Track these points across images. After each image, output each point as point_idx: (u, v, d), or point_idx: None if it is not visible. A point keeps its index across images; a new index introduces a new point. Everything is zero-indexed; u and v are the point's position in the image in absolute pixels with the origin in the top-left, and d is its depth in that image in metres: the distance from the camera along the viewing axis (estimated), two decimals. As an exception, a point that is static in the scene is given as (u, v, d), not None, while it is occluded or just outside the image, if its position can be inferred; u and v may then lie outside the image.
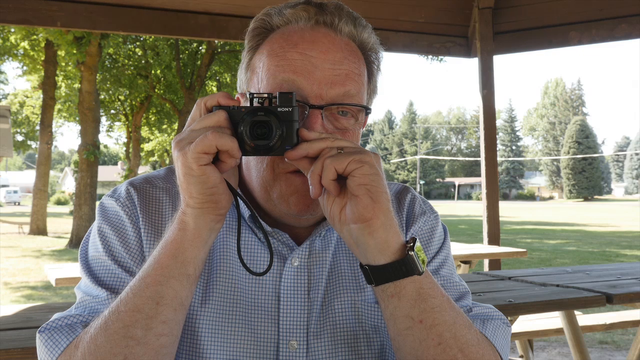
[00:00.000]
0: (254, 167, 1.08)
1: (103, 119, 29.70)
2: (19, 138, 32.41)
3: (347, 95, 1.04)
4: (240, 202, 1.08)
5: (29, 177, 76.26)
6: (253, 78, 1.09)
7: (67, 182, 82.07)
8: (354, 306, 1.10)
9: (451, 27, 5.63)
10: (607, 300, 2.68)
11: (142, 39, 22.58)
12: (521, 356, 4.06)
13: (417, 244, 0.97)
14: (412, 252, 0.94)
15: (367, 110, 1.09)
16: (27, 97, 33.42)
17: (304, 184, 1.01)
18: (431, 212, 1.24)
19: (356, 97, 1.06)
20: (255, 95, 0.94)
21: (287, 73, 1.02)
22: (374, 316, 1.11)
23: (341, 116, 1.05)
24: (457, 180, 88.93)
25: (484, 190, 5.47)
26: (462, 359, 0.96)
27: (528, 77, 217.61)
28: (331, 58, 1.03)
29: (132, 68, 25.07)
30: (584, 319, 3.94)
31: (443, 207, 47.46)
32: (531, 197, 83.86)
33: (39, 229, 20.71)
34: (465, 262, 5.06)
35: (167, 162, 34.84)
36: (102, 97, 25.91)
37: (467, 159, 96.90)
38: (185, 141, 0.88)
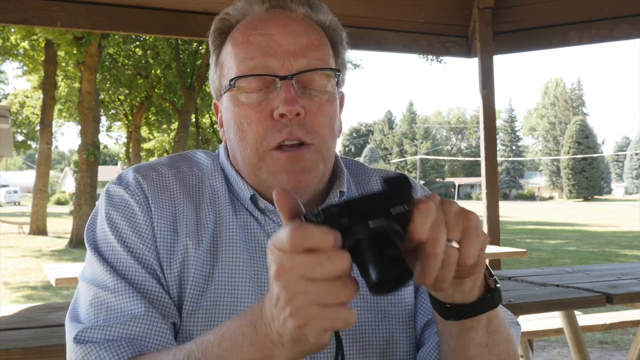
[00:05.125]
0: (238, 152, 1.08)
1: (103, 119, 29.72)
2: (19, 138, 32.45)
3: (313, 61, 1.05)
4: (240, 182, 1.10)
5: (29, 177, 76.24)
6: (223, 72, 1.10)
7: (67, 182, 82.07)
8: (360, 293, 1.08)
9: (451, 27, 5.63)
10: (607, 300, 2.67)
11: (142, 39, 22.59)
12: (521, 356, 4.06)
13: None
14: (499, 284, 0.88)
15: (336, 73, 1.08)
16: (27, 97, 33.48)
17: (289, 160, 1.02)
18: None
19: (322, 63, 1.06)
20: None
21: (256, 58, 1.04)
22: (383, 302, 1.09)
23: (313, 91, 1.05)
24: (457, 180, 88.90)
25: (484, 190, 5.47)
26: None
27: (528, 77, 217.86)
28: (290, 31, 1.05)
29: (132, 68, 25.10)
30: (584, 319, 3.94)
31: (443, 207, 47.22)
32: (531, 197, 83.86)
33: (39, 229, 20.71)
34: (465, 262, 5.06)
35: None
36: (102, 97, 25.92)
37: (467, 159, 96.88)
38: (303, 311, 0.67)
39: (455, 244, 0.76)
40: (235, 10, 1.11)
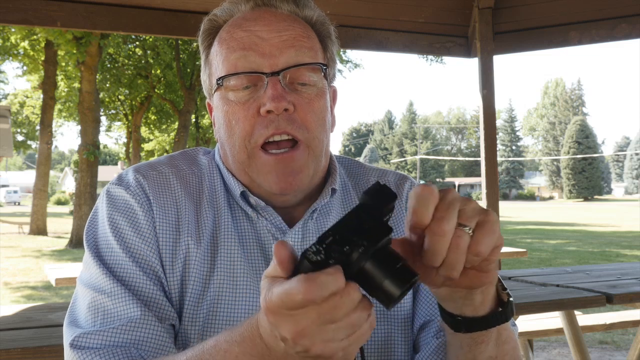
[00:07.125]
0: (228, 150, 1.08)
1: (103, 119, 29.72)
2: (19, 138, 32.47)
3: (299, 56, 1.04)
4: (231, 179, 1.10)
5: (29, 177, 76.21)
6: (212, 71, 1.11)
7: (67, 182, 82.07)
8: None
9: (451, 27, 5.62)
10: (607, 300, 2.68)
11: (142, 39, 22.59)
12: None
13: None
14: (512, 298, 0.87)
15: (323, 67, 1.07)
16: (27, 97, 33.46)
17: (278, 163, 1.02)
18: None
19: (309, 58, 1.05)
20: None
21: (237, 51, 1.04)
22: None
23: (301, 86, 1.04)
24: (457, 180, 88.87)
25: (484, 190, 5.47)
26: None
27: (528, 77, 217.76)
28: (275, 28, 1.05)
29: (132, 68, 25.09)
30: (584, 319, 3.94)
31: (443, 207, 47.28)
32: (531, 197, 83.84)
33: (39, 229, 20.71)
34: (465, 262, 5.06)
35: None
36: (102, 97, 25.91)
37: (467, 159, 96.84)
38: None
39: (468, 231, 0.74)
40: (222, 11, 1.11)
